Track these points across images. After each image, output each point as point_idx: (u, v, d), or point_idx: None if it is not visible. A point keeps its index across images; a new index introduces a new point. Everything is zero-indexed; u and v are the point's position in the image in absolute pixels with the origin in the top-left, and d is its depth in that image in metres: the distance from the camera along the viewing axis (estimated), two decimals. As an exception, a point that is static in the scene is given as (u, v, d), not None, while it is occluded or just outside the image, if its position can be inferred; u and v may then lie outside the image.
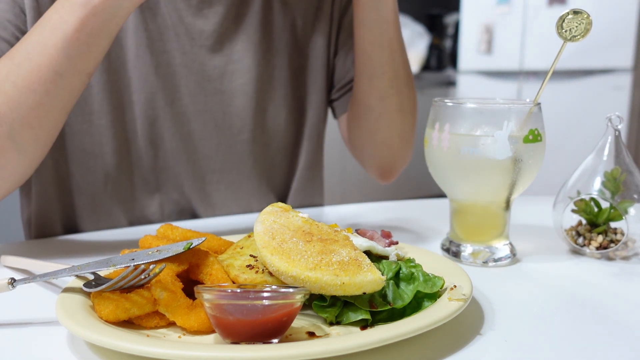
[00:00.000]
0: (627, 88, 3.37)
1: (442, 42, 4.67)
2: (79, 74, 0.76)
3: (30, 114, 0.75)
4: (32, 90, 0.74)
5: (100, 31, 0.74)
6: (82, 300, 0.56)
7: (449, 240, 0.82)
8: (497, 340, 0.55)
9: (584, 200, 0.82)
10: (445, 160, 0.76)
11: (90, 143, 1.00)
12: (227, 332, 0.50)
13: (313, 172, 1.19)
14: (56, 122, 0.79)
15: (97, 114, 1.00)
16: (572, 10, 0.71)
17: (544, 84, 0.73)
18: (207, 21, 1.03)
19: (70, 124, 0.99)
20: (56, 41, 0.73)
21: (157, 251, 0.60)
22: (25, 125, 0.76)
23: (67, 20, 0.72)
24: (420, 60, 4.40)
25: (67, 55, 0.73)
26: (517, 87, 3.78)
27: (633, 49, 3.33)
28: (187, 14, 1.02)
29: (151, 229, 0.96)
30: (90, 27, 0.73)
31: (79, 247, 0.87)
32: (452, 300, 0.56)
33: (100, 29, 0.74)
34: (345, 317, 0.56)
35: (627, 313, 0.63)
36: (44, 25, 0.74)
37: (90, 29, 0.73)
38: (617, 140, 0.82)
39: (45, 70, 0.73)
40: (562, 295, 0.68)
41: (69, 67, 0.74)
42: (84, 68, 0.76)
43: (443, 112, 0.76)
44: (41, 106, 0.75)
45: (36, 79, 0.74)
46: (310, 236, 0.59)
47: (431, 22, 4.74)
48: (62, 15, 0.72)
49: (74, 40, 0.73)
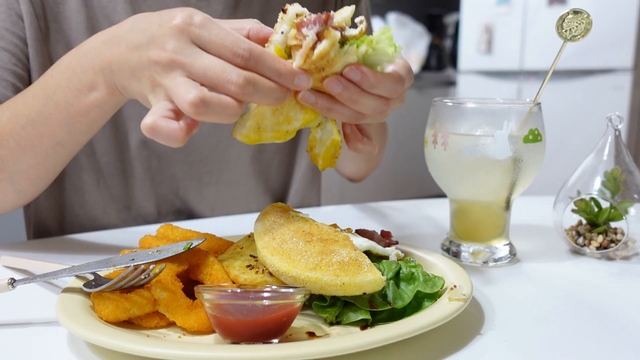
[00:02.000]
0: (627, 88, 3.38)
1: (442, 42, 4.67)
2: (80, 144, 0.78)
3: (31, 170, 0.78)
4: (34, 152, 0.76)
5: (103, 116, 0.73)
6: (82, 301, 0.56)
7: (449, 240, 0.82)
8: (497, 340, 0.55)
9: (584, 200, 0.82)
10: (445, 160, 0.76)
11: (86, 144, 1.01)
12: (227, 332, 0.50)
13: (312, 172, 1.19)
14: (56, 173, 0.83)
15: None
16: (572, 10, 0.71)
17: (544, 84, 0.73)
18: None
19: None
20: (59, 118, 0.72)
21: (157, 251, 0.60)
22: (24, 177, 0.79)
23: (72, 104, 0.70)
24: (420, 60, 4.40)
25: (69, 131, 0.74)
26: (517, 87, 3.78)
27: (633, 49, 3.33)
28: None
29: (151, 229, 0.96)
30: (94, 114, 0.72)
31: (79, 247, 0.87)
32: (452, 300, 0.56)
33: (104, 115, 0.73)
34: (345, 317, 0.56)
35: (627, 313, 0.63)
36: (49, 96, 0.72)
37: (94, 115, 0.72)
38: (617, 140, 0.82)
39: (47, 139, 0.75)
40: (562, 295, 0.68)
41: (70, 139, 0.76)
42: (85, 139, 0.78)
43: (443, 112, 0.76)
44: (41, 165, 0.78)
45: (38, 145, 0.75)
46: (310, 236, 0.59)
47: (431, 22, 4.74)
48: (67, 97, 0.70)
49: (76, 122, 0.72)
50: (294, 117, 0.63)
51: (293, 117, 0.63)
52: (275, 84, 0.56)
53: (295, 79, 0.56)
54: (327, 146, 0.68)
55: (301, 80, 0.57)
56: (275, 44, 0.61)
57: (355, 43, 0.59)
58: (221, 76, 0.55)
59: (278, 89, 0.57)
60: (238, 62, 0.56)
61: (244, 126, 0.62)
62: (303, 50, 0.57)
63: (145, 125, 0.55)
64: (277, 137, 0.63)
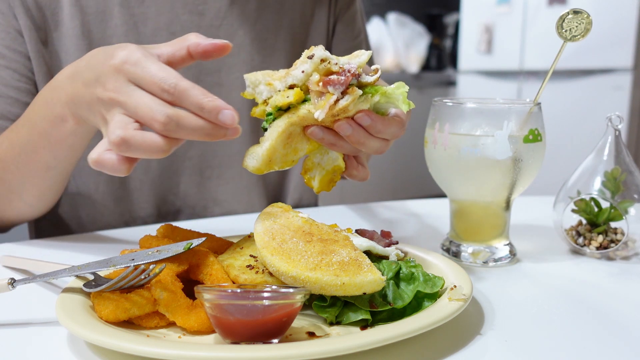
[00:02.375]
0: (627, 88, 3.37)
1: (442, 42, 4.67)
2: (70, 165, 0.83)
3: (33, 189, 0.86)
4: (31, 175, 0.83)
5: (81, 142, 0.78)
6: (82, 301, 0.56)
7: (449, 240, 0.82)
8: (497, 340, 0.55)
9: (584, 200, 0.82)
10: (445, 160, 0.76)
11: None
12: (227, 332, 0.50)
13: None
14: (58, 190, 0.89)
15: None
16: (572, 10, 0.71)
17: (544, 84, 0.73)
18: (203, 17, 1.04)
19: None
20: (44, 145, 0.78)
21: (157, 251, 0.60)
22: (30, 194, 0.86)
23: (50, 133, 0.75)
24: (420, 60, 4.40)
25: (54, 157, 0.79)
26: (517, 87, 3.78)
27: (633, 49, 3.33)
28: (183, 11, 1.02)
29: (151, 229, 0.95)
30: (71, 141, 0.76)
31: (79, 247, 0.87)
32: (452, 300, 0.56)
33: (82, 141, 0.78)
34: (345, 317, 0.56)
35: (627, 313, 0.63)
36: (32, 126, 0.78)
37: (71, 142, 0.76)
38: (617, 140, 0.82)
39: (38, 164, 0.81)
40: (562, 295, 0.68)
41: (58, 164, 0.81)
42: (72, 162, 0.83)
43: (443, 112, 0.76)
44: (40, 185, 0.85)
45: (33, 169, 0.82)
46: (310, 236, 0.59)
47: (431, 22, 4.73)
48: (45, 127, 0.75)
49: (58, 149, 0.78)
50: (300, 148, 0.68)
51: (300, 147, 0.68)
52: (203, 120, 0.57)
53: (219, 115, 0.57)
54: (328, 171, 0.72)
55: (225, 117, 0.57)
56: (293, 79, 0.64)
57: (370, 92, 0.64)
58: (148, 114, 0.57)
59: (205, 126, 0.57)
60: (166, 98, 0.58)
61: (257, 160, 0.66)
62: (327, 106, 0.61)
63: (90, 159, 0.59)
64: (284, 166, 0.68)
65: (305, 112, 0.64)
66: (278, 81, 0.66)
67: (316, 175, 0.72)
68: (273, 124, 0.66)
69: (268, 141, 0.65)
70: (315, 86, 0.62)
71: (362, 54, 0.65)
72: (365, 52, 0.65)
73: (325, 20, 1.14)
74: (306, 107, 0.64)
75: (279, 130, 0.65)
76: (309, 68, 0.63)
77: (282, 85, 0.65)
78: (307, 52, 0.64)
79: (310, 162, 0.72)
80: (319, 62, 0.63)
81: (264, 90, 0.68)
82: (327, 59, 0.63)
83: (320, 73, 0.63)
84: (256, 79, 0.69)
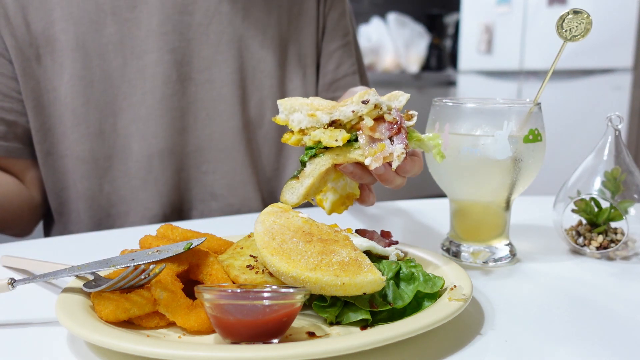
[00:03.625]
0: (627, 88, 3.37)
1: (442, 42, 4.67)
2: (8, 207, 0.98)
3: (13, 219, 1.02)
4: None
5: None
6: (82, 301, 0.56)
7: (449, 240, 0.82)
8: (497, 340, 0.55)
9: (584, 200, 0.82)
10: (445, 160, 0.76)
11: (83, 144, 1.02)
12: (227, 332, 0.50)
13: None
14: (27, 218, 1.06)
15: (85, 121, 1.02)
16: (572, 10, 0.71)
17: (544, 84, 0.73)
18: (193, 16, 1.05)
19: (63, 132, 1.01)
20: None
21: (157, 251, 0.60)
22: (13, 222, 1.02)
23: None
24: (420, 60, 4.40)
25: None
26: (517, 87, 3.78)
27: (633, 49, 3.33)
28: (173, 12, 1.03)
29: (151, 229, 0.95)
30: None
31: (79, 247, 0.87)
32: (452, 300, 0.56)
33: None
34: (345, 317, 0.56)
35: (627, 313, 0.63)
36: None
37: None
38: (617, 140, 0.82)
39: None
40: (562, 295, 0.68)
41: None
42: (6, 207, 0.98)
43: (443, 112, 0.76)
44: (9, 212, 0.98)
45: None
46: (310, 236, 0.59)
47: (431, 22, 4.73)
48: None
49: None
50: (328, 179, 0.72)
51: (328, 179, 0.72)
52: None
53: None
54: (342, 195, 0.75)
55: None
56: (340, 115, 0.66)
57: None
58: None
59: None
60: None
61: (297, 197, 0.69)
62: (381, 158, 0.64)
63: None
64: (313, 197, 0.72)
65: (354, 157, 0.66)
66: (322, 112, 0.66)
67: (328, 198, 0.75)
68: (315, 161, 0.67)
69: (309, 179, 0.67)
70: (368, 131, 0.65)
71: (400, 95, 0.67)
72: (404, 95, 0.67)
73: (314, 17, 1.15)
74: (357, 153, 0.66)
75: (321, 169, 0.67)
76: (361, 110, 0.65)
77: (327, 118, 0.66)
78: (360, 94, 0.66)
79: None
80: (372, 107, 0.65)
81: (304, 120, 0.68)
82: (380, 105, 0.65)
83: (371, 117, 0.65)
84: (292, 106, 0.69)
